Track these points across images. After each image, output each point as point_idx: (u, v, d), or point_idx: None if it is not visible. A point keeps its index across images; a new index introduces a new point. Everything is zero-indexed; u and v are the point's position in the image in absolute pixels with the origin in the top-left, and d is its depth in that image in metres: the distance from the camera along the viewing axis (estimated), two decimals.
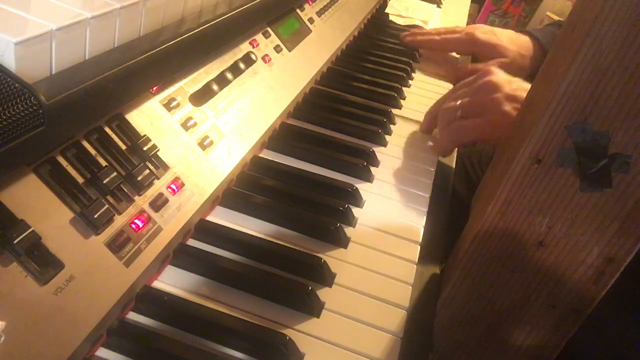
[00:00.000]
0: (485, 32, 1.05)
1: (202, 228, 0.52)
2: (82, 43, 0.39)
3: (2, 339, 0.32)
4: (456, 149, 0.78)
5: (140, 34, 0.46)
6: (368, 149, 0.70)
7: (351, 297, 0.49)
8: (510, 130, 0.69)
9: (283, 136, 0.69)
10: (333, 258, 0.53)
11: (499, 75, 0.75)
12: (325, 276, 0.50)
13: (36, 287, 0.35)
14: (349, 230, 0.57)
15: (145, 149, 0.45)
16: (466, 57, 1.12)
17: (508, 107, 0.71)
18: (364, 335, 0.46)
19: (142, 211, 0.44)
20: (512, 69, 0.89)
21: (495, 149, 0.59)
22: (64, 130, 0.38)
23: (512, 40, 1.04)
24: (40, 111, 0.34)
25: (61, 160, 0.39)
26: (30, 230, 0.35)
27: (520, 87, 0.73)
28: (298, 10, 0.82)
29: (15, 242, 0.33)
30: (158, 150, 0.47)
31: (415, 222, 0.61)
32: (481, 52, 1.05)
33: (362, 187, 0.63)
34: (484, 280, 0.49)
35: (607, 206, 0.43)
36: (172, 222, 0.46)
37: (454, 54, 1.12)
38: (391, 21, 1.21)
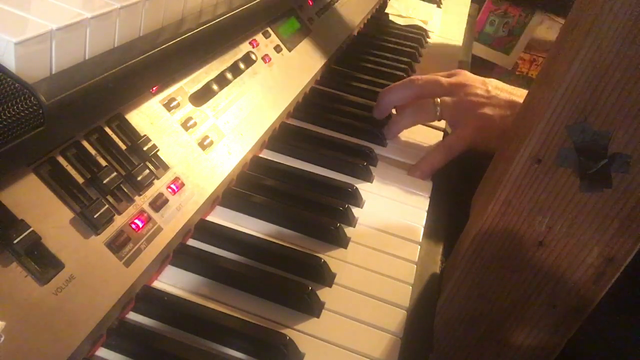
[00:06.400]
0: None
1: (202, 228, 0.52)
2: (82, 43, 0.39)
3: (2, 339, 0.32)
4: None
5: (140, 34, 0.46)
6: (368, 149, 0.70)
7: (351, 297, 0.49)
8: (497, 132, 0.69)
9: (283, 136, 0.69)
10: (333, 258, 0.53)
11: (472, 76, 0.75)
12: (325, 276, 0.50)
13: (36, 287, 0.35)
14: (349, 230, 0.57)
15: (145, 149, 0.45)
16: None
17: (489, 110, 0.70)
18: (364, 335, 0.46)
19: (142, 211, 0.44)
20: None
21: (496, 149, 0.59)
22: (64, 130, 0.38)
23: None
24: (40, 111, 0.34)
25: (61, 160, 0.39)
26: (30, 230, 0.35)
27: (496, 86, 0.73)
28: (298, 10, 0.82)
29: (15, 242, 0.33)
30: (158, 150, 0.47)
31: (415, 222, 0.61)
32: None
33: (362, 187, 0.63)
34: (484, 280, 0.49)
35: (607, 206, 0.43)
36: (172, 222, 0.46)
37: None
38: (391, 21, 1.21)
